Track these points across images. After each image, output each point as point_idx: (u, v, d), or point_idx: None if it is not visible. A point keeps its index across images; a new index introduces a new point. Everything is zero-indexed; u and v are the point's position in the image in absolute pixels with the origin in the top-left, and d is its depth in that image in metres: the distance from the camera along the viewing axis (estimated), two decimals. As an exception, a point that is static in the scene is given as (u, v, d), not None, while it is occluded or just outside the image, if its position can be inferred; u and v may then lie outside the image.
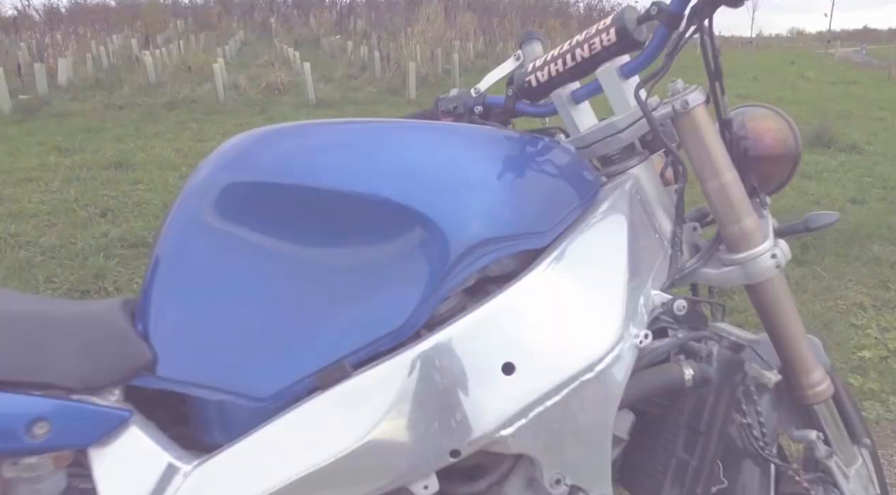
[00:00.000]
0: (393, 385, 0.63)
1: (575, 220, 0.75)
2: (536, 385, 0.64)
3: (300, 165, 0.70)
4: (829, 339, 2.34)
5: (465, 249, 0.66)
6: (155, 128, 6.29)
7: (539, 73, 0.89)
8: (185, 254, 0.68)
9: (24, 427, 0.60)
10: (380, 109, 7.55)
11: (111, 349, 0.66)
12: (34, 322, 0.66)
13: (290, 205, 0.68)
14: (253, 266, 0.67)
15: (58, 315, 0.68)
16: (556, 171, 0.79)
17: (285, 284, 0.67)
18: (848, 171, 4.88)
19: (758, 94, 9.25)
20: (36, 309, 0.69)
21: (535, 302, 0.67)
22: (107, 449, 0.64)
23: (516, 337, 0.65)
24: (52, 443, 0.61)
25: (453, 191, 0.68)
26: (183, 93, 7.88)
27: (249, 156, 0.72)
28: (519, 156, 0.76)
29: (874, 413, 1.89)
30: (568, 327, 0.67)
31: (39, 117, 6.54)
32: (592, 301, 0.69)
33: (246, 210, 0.68)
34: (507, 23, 14.84)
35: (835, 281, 2.86)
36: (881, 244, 3.27)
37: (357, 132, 0.74)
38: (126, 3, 21.53)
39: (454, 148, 0.73)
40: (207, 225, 0.68)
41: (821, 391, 0.93)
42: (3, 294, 0.76)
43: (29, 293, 1.13)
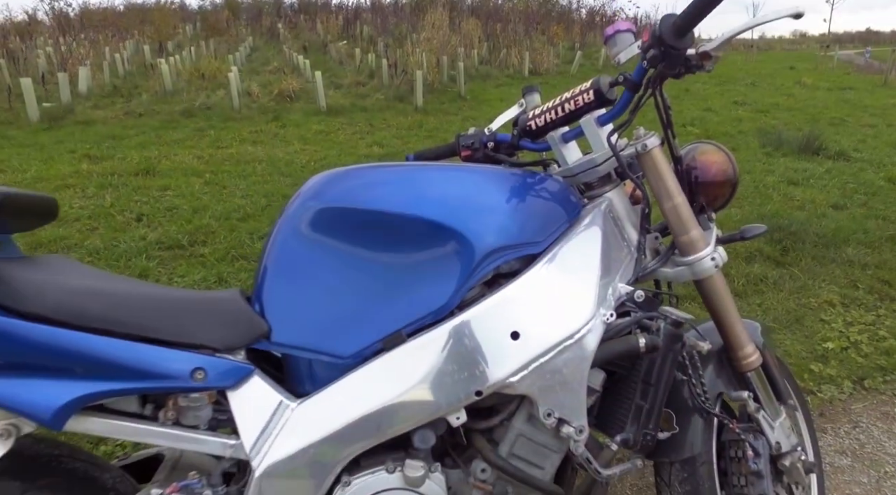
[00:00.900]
0: (435, 347, 0.93)
1: (563, 232, 1.04)
2: (534, 347, 0.93)
3: (365, 195, 0.99)
4: (798, 332, 2.62)
5: (484, 254, 0.96)
6: (175, 136, 6.59)
7: (537, 119, 1.18)
8: (288, 256, 0.98)
9: (190, 373, 0.90)
10: (388, 116, 7.84)
11: (240, 322, 0.95)
12: (187, 302, 0.95)
13: (361, 222, 0.97)
14: (337, 264, 0.97)
15: (200, 298, 0.97)
16: (549, 196, 1.08)
17: (360, 277, 0.96)
18: (833, 178, 5.12)
19: (754, 100, 9.51)
20: (183, 295, 0.98)
21: (534, 290, 0.97)
22: (239, 391, 0.93)
23: (520, 314, 0.95)
24: (205, 385, 0.91)
25: (476, 213, 0.98)
26: (199, 100, 8.18)
27: (330, 188, 1.01)
28: (521, 188, 1.05)
29: (829, 394, 2.17)
30: (557, 308, 0.96)
31: (65, 125, 6.85)
32: (574, 290, 0.99)
33: (330, 226, 0.97)
34: (510, 29, 15.08)
35: (809, 281, 3.14)
36: (856, 247, 3.54)
37: (404, 172, 1.04)
38: (134, 8, 21.84)
39: (476, 183, 1.02)
40: (304, 236, 0.97)
41: (752, 361, 1.22)
42: (150, 285, 1.05)
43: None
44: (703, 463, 1.17)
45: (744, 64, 17.13)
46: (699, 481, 1.17)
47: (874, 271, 3.24)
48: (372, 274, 0.97)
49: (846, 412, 2.09)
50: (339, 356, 0.95)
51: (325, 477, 0.93)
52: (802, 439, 1.45)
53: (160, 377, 0.88)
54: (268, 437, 0.92)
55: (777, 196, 4.61)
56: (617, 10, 21.75)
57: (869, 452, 1.88)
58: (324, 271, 0.97)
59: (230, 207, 4.11)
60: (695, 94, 10.11)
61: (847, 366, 2.35)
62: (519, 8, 18.65)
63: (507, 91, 10.35)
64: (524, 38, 14.67)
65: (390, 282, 0.96)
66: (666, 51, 0.99)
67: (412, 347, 0.93)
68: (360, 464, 0.96)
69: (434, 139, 6.54)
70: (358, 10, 19.80)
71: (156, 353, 0.88)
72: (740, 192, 4.67)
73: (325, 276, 0.97)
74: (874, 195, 4.67)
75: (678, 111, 8.35)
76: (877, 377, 2.27)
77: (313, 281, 0.97)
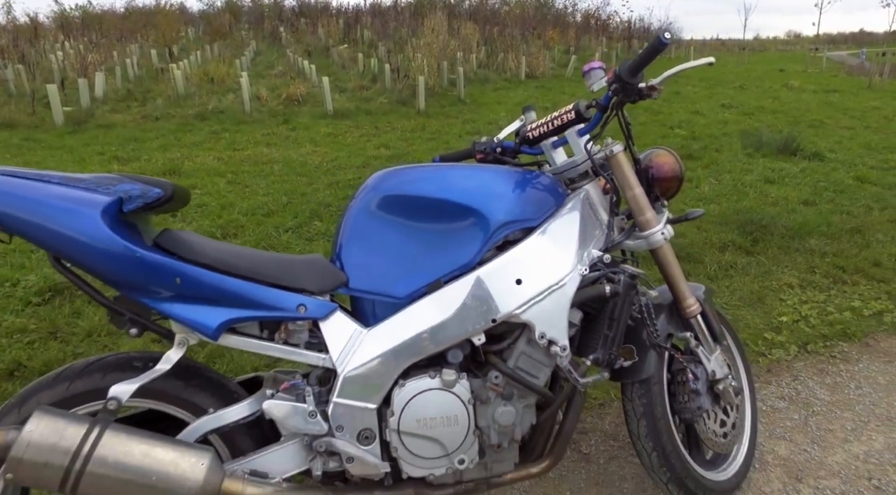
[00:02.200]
0: (464, 290, 1.34)
1: (552, 212, 1.46)
2: (532, 290, 1.35)
3: (412, 186, 1.40)
4: (759, 309, 3.05)
5: (497, 227, 1.37)
6: (192, 138, 7.00)
7: (533, 131, 1.60)
8: (360, 229, 1.39)
9: (296, 307, 1.31)
10: (392, 119, 8.26)
11: (328, 274, 1.36)
12: (291, 261, 1.36)
13: (411, 205, 1.39)
14: (394, 234, 1.38)
15: (300, 259, 1.38)
16: (542, 187, 1.50)
17: (410, 242, 1.38)
18: (807, 177, 5.55)
19: (741, 102, 9.96)
20: (288, 256, 1.38)
21: (532, 252, 1.38)
22: (328, 322, 1.34)
23: (522, 268, 1.36)
24: (306, 316, 1.32)
25: (491, 199, 1.39)
26: (211, 104, 8.58)
27: (386, 182, 1.42)
28: (522, 181, 1.47)
29: (777, 356, 2.60)
30: (547, 264, 1.38)
31: (88, 128, 7.26)
32: (560, 252, 1.41)
33: (389, 207, 1.39)
34: (507, 33, 15.51)
35: (774, 267, 3.56)
36: (818, 238, 3.96)
37: (438, 170, 1.45)
38: (136, 11, 22.17)
39: (490, 177, 1.44)
40: (370, 215, 1.39)
41: (692, 310, 1.64)
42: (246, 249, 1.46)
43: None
44: (655, 383, 1.60)
45: (735, 66, 17.60)
46: (653, 397, 1.59)
47: (832, 258, 3.66)
48: (418, 240, 1.38)
49: (789, 369, 2.51)
50: (396, 297, 1.37)
51: (386, 381, 1.35)
52: (738, 373, 1.87)
53: (278, 309, 1.29)
54: (348, 353, 1.34)
55: (753, 193, 5.04)
56: (611, 13, 22.15)
57: (803, 398, 2.30)
58: (385, 239, 1.38)
59: (254, 204, 4.53)
60: (685, 97, 10.56)
61: (796, 334, 2.77)
62: (515, 12, 19.10)
63: (505, 94, 10.78)
64: (520, 42, 15.11)
65: (432, 246, 1.38)
66: (624, 85, 1.42)
67: (448, 290, 1.35)
68: (410, 373, 1.37)
69: (436, 141, 6.96)
70: (358, 13, 20.22)
71: (275, 293, 1.30)
72: (718, 189, 5.13)
73: (385, 242, 1.38)
74: (842, 192, 5.09)
75: (668, 113, 8.80)
76: (819, 343, 2.70)
77: (378, 245, 1.38)
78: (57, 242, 1.15)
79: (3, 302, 2.91)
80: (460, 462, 1.40)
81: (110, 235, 1.16)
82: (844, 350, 2.66)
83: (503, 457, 1.48)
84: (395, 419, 1.35)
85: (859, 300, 3.11)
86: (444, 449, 1.38)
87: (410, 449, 1.37)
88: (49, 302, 2.95)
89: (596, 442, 2.06)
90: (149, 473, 1.15)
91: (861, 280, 3.38)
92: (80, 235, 1.14)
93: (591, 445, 2.05)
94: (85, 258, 1.16)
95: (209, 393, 1.35)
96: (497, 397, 1.41)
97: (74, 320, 2.79)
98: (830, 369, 2.51)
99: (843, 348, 2.68)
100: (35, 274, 3.17)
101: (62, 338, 2.65)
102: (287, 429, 1.33)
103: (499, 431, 1.42)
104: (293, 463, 1.36)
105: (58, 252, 1.17)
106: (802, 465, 1.94)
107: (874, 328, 2.84)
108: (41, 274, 3.17)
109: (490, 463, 1.47)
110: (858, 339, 2.75)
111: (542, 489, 1.86)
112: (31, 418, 1.12)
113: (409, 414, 1.35)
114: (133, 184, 1.22)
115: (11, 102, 8.03)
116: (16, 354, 2.47)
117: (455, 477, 1.45)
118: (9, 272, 3.19)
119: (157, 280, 1.21)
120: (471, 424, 1.38)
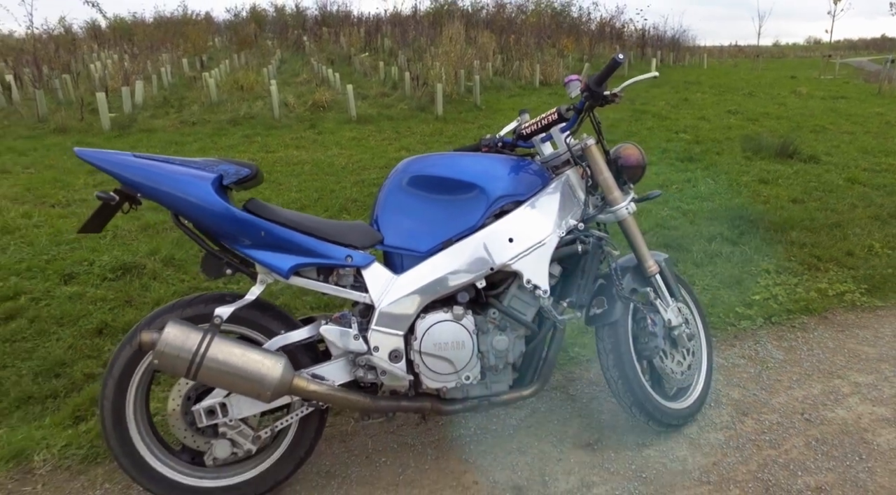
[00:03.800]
0: (470, 246, 1.80)
1: (539, 190, 1.91)
2: (521, 246, 1.81)
3: (433, 169, 1.86)
4: (736, 289, 3.45)
5: (495, 199, 1.83)
6: (227, 142, 7.55)
7: (526, 129, 2.05)
8: (392, 201, 1.85)
9: (344, 258, 1.77)
10: (412, 124, 8.76)
11: (368, 234, 1.82)
12: (342, 224, 1.82)
13: (432, 182, 1.84)
14: (419, 204, 1.84)
15: (348, 223, 1.85)
16: (532, 172, 1.95)
17: (430, 209, 1.83)
18: (800, 178, 5.91)
19: (747, 109, 10.30)
20: (340, 221, 1.85)
21: (522, 219, 1.84)
22: (368, 269, 1.81)
23: (514, 229, 1.82)
24: (352, 264, 1.78)
25: (492, 178, 1.85)
26: (242, 110, 9.15)
27: (413, 165, 1.88)
28: (517, 166, 1.92)
29: (744, 326, 3.01)
30: (533, 227, 1.84)
31: (132, 132, 7.85)
32: (543, 219, 1.86)
33: (415, 184, 1.85)
34: (522, 42, 15.98)
35: (755, 255, 3.95)
36: (799, 231, 4.34)
37: (453, 156, 1.91)
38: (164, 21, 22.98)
39: (492, 163, 1.90)
40: (400, 190, 1.85)
41: (652, 270, 2.08)
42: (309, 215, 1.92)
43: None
44: (621, 326, 2.04)
45: (747, 73, 17.87)
46: (619, 337, 2.03)
47: (809, 249, 4.05)
48: (436, 209, 1.84)
49: (753, 335, 2.93)
50: (418, 251, 1.83)
51: (411, 314, 1.80)
52: (695, 325, 2.30)
53: (332, 258, 1.76)
54: (383, 293, 1.80)
55: (747, 192, 5.42)
56: (626, 21, 22.56)
57: (760, 357, 2.72)
58: (411, 208, 1.85)
59: (288, 199, 5.03)
60: (693, 104, 10.93)
61: (764, 309, 3.18)
62: (531, 21, 19.57)
63: (519, 101, 11.24)
64: (535, 50, 15.57)
65: (446, 213, 1.84)
66: (592, 92, 1.87)
67: (458, 246, 1.81)
68: (429, 309, 1.83)
69: (453, 144, 7.43)
70: (379, 22, 20.84)
71: (330, 247, 1.76)
72: (714, 188, 5.52)
73: (411, 210, 1.84)
74: (831, 192, 5.44)
75: (675, 119, 9.18)
76: (783, 315, 3.11)
77: (406, 213, 1.84)
78: (179, 204, 1.62)
79: (84, 278, 3.43)
80: (466, 378, 1.85)
81: (217, 199, 1.63)
82: (804, 322, 3.07)
83: (500, 379, 1.93)
84: (418, 343, 1.81)
85: (826, 283, 3.50)
86: (453, 367, 1.83)
87: (429, 365, 1.82)
88: (121, 278, 3.45)
89: (581, 387, 2.50)
90: (244, 367, 1.62)
91: (832, 267, 3.77)
92: (196, 199, 1.62)
93: (576, 389, 2.49)
94: (199, 216, 1.64)
95: (279, 322, 1.82)
96: (495, 328, 1.87)
97: (143, 292, 3.29)
98: (788, 336, 2.93)
99: (804, 320, 3.08)
100: (107, 255, 3.69)
101: (135, 305, 3.15)
102: (337, 348, 1.80)
103: (496, 355, 1.87)
104: (341, 374, 1.82)
105: (179, 211, 1.64)
106: (750, 405, 2.36)
107: (834, 304, 3.24)
108: (111, 255, 3.69)
109: (489, 383, 1.92)
110: (818, 313, 3.15)
111: (535, 419, 2.30)
112: (167, 326, 1.60)
113: (427, 339, 1.81)
114: (230, 165, 1.70)
115: (61, 110, 8.66)
116: (102, 317, 2.97)
117: (462, 393, 1.91)
118: (86, 254, 3.71)
119: (248, 233, 1.68)
120: (474, 348, 1.84)
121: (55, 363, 2.62)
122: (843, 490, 1.91)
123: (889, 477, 1.96)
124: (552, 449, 2.13)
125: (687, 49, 23.62)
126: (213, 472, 1.84)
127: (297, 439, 1.87)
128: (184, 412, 1.78)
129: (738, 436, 2.17)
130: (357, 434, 2.23)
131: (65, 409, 2.32)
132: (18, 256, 3.70)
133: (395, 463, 2.07)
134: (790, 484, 1.94)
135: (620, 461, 2.06)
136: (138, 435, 1.77)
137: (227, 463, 1.84)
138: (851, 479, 1.96)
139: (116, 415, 1.74)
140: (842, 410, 2.32)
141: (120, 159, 1.61)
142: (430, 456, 2.10)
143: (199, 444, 1.80)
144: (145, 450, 1.78)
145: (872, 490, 1.91)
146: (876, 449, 2.09)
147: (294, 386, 1.70)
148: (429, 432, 2.22)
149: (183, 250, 3.85)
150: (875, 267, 3.71)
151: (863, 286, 3.44)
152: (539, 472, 2.01)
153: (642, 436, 2.17)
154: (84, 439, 2.15)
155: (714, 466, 2.03)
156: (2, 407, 2.34)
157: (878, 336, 2.92)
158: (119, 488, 1.95)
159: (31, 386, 2.46)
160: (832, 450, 2.09)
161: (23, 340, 2.81)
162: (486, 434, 2.21)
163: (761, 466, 2.02)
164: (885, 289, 3.41)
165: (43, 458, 2.06)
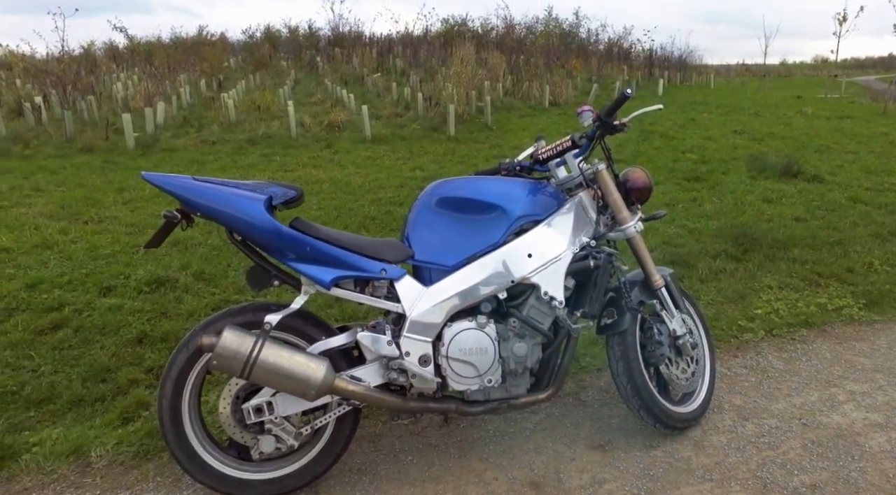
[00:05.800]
0: (493, 261, 2.00)
1: (554, 211, 2.11)
2: (539, 261, 2.01)
3: (459, 191, 2.07)
4: (739, 304, 3.61)
5: (516, 218, 2.03)
6: (247, 160, 7.81)
7: (542, 154, 2.26)
8: (422, 220, 2.05)
9: (379, 271, 1.97)
10: (425, 144, 9.00)
11: (400, 250, 2.02)
12: (377, 242, 2.02)
13: (458, 203, 2.04)
14: (446, 222, 2.03)
15: (382, 240, 2.04)
16: (548, 194, 2.15)
17: (457, 227, 2.03)
18: (803, 197, 6.07)
19: (753, 129, 10.49)
20: (376, 239, 2.04)
21: (539, 237, 2.03)
22: (400, 282, 2.00)
23: (533, 246, 2.02)
24: (385, 277, 1.97)
25: (513, 200, 2.05)
26: (260, 130, 9.44)
27: (440, 188, 2.08)
28: (534, 189, 2.12)
29: (747, 338, 3.18)
30: (550, 243, 2.03)
31: (155, 151, 8.14)
32: (558, 237, 2.05)
33: (442, 204, 2.04)
34: (532, 63, 16.29)
35: (758, 272, 4.12)
36: (801, 249, 4.51)
37: (476, 180, 2.11)
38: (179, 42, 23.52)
39: (513, 186, 2.10)
40: (429, 210, 2.05)
41: (658, 284, 2.27)
42: (347, 233, 2.12)
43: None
44: (629, 335, 2.22)
45: (753, 93, 18.09)
46: (627, 345, 2.21)
47: (811, 266, 4.21)
48: (462, 227, 2.04)
49: (755, 347, 3.09)
50: (446, 266, 2.02)
51: (439, 322, 1.99)
52: (699, 335, 2.47)
53: (368, 271, 1.95)
54: (413, 303, 1.99)
55: (751, 211, 5.59)
56: (633, 42, 22.91)
57: (761, 367, 2.88)
58: (439, 226, 2.04)
59: (309, 217, 5.18)
60: (699, 124, 11.14)
61: (766, 323, 3.35)
62: (540, 42, 19.94)
63: (529, 121, 11.50)
64: (545, 71, 15.87)
65: (471, 231, 2.04)
66: (602, 123, 2.08)
67: (482, 261, 2.01)
68: (455, 318, 2.02)
69: (465, 164, 7.66)
70: (390, 43, 21.28)
71: (367, 261, 1.96)
72: (719, 207, 5.70)
73: (439, 228, 2.04)
74: (833, 211, 5.61)
75: (681, 139, 9.39)
76: (784, 329, 3.27)
77: (434, 230, 2.04)
78: (234, 222, 1.83)
79: (121, 290, 3.64)
80: (488, 381, 2.04)
81: (268, 218, 1.83)
82: (804, 334, 3.23)
83: (518, 382, 2.11)
84: (445, 348, 2.00)
85: (826, 298, 3.66)
86: (477, 370, 2.02)
87: (455, 369, 2.01)
88: (155, 291, 3.67)
89: (592, 394, 2.67)
90: (291, 369, 1.81)
91: (833, 283, 3.93)
92: (249, 218, 1.82)
93: (588, 395, 2.66)
94: (251, 233, 1.84)
95: (320, 329, 2.01)
96: (514, 336, 2.05)
97: (177, 304, 3.50)
98: (788, 347, 3.09)
99: (803, 333, 3.24)
100: (141, 269, 3.91)
101: (170, 316, 3.36)
102: (372, 353, 1.99)
103: (515, 360, 2.05)
104: (375, 376, 2.01)
105: (233, 228, 1.85)
106: (750, 410, 2.52)
107: (833, 318, 3.40)
108: (146, 269, 3.91)
109: (509, 386, 2.10)
110: (818, 326, 3.31)
111: (550, 422, 2.47)
112: (225, 331, 1.79)
113: (454, 345, 2.00)
114: (278, 188, 1.90)
115: (87, 130, 8.98)
116: (141, 327, 3.18)
117: (484, 395, 2.09)
118: (122, 268, 3.93)
119: (295, 248, 1.88)
120: (496, 354, 2.02)
121: (101, 369, 2.82)
122: (836, 487, 2.07)
123: (879, 475, 2.12)
124: (566, 449, 2.30)
125: (694, 68, 23.93)
126: (257, 466, 2.03)
127: (334, 436, 2.05)
128: (233, 410, 1.97)
129: (739, 439, 2.33)
130: (385, 435, 2.41)
131: (113, 411, 2.52)
132: (59, 270, 3.93)
133: (420, 462, 2.24)
134: (787, 481, 2.10)
135: (629, 460, 2.22)
136: (192, 431, 1.96)
137: (271, 458, 2.02)
138: (844, 478, 2.11)
139: (173, 412, 1.93)
140: (837, 416, 2.48)
141: (182, 182, 1.82)
142: (453, 454, 2.27)
143: (245, 440, 1.99)
144: (198, 445, 1.97)
145: (863, 487, 2.07)
146: (868, 451, 2.25)
147: (335, 386, 1.88)
148: (451, 434, 2.40)
149: (212, 265, 4.06)
150: (874, 283, 3.87)
151: (861, 301, 3.60)
152: (554, 470, 2.18)
153: (650, 438, 2.33)
154: (134, 438, 2.34)
155: (716, 465, 2.19)
156: (56, 408, 2.54)
157: (874, 348, 3.08)
158: (170, 481, 2.14)
159: (80, 390, 2.66)
160: (827, 452, 2.25)
161: (69, 348, 3.02)
162: (504, 436, 2.39)
163: (760, 466, 2.18)
164: (882, 304, 3.57)
165: (99, 454, 2.25)
